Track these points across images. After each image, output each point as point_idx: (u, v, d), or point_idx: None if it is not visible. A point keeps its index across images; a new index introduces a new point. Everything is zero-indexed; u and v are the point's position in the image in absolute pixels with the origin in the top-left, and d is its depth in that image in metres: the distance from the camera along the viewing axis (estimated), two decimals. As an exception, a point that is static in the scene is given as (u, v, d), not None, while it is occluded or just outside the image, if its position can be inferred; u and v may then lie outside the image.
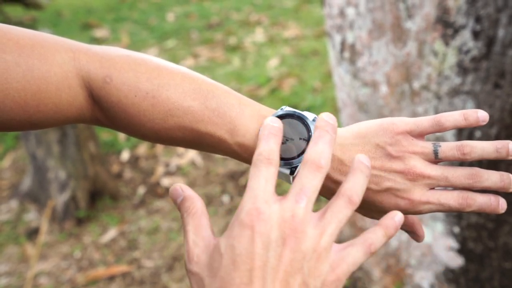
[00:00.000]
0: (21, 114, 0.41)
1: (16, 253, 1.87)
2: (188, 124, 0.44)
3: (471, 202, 0.44)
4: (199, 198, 0.38)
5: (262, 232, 0.32)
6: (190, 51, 3.84)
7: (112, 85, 0.43)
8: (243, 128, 0.44)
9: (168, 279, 1.68)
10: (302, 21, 4.33)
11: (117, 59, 0.44)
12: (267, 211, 0.33)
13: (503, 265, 1.10)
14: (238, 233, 0.33)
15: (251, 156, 0.45)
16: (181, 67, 0.47)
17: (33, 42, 0.41)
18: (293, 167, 0.44)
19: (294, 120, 0.45)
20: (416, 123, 0.45)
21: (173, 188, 0.38)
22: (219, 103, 0.45)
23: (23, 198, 2.17)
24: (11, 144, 2.66)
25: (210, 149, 0.47)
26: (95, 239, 1.92)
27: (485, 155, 0.44)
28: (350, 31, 1.16)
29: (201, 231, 0.36)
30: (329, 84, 2.93)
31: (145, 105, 0.44)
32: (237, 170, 2.23)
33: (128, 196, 2.17)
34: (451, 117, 0.44)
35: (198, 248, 0.35)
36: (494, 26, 0.91)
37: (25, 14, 5.01)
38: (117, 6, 5.50)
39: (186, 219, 0.37)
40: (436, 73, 1.01)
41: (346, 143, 0.45)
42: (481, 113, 0.44)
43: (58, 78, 0.42)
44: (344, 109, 1.32)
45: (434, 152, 0.44)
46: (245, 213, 0.33)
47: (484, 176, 0.44)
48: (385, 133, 0.45)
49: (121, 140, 2.59)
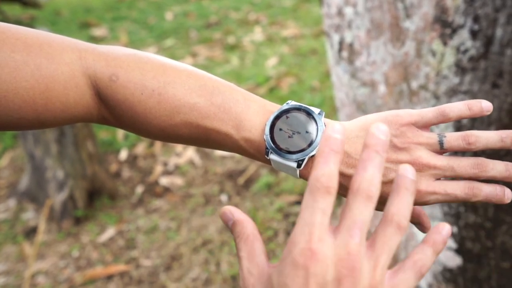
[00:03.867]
0: (30, 113, 0.41)
1: (14, 252, 1.87)
2: (194, 120, 0.44)
3: (477, 192, 0.43)
4: (250, 221, 0.37)
5: (317, 274, 0.31)
6: (189, 50, 3.84)
7: (118, 83, 0.44)
8: (249, 123, 0.45)
9: (166, 278, 1.68)
10: (300, 20, 4.33)
11: (123, 57, 0.44)
12: (322, 251, 0.31)
13: (501, 265, 1.10)
14: (291, 272, 0.31)
15: (257, 151, 0.45)
16: (186, 65, 0.47)
17: (40, 42, 0.42)
18: (300, 161, 0.44)
19: (300, 113, 0.45)
20: (421, 114, 0.45)
21: (223, 212, 0.38)
22: (225, 99, 0.45)
23: (21, 197, 2.16)
24: (9, 143, 2.66)
25: (217, 146, 0.47)
26: (93, 239, 1.91)
27: (490, 144, 0.44)
28: (348, 31, 1.16)
29: (254, 258, 0.35)
30: (327, 83, 2.93)
31: (151, 102, 0.44)
32: (235, 169, 2.23)
33: (126, 195, 2.17)
34: (456, 107, 0.44)
35: (252, 278, 0.34)
36: (492, 26, 0.91)
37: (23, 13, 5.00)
38: (116, 5, 5.49)
39: (239, 244, 0.36)
40: (434, 72, 1.01)
41: (352, 135, 0.45)
42: (485, 103, 0.44)
43: (65, 77, 0.42)
44: (342, 109, 1.32)
45: (439, 143, 0.44)
46: (299, 253, 0.31)
47: (490, 166, 0.44)
48: (390, 125, 0.45)
49: (120, 139, 2.58)
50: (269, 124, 0.44)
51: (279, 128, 0.45)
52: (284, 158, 0.44)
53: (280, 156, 0.44)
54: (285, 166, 0.45)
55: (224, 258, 1.73)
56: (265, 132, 0.44)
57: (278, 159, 0.44)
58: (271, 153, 0.45)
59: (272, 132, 0.44)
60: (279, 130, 0.44)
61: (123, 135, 2.62)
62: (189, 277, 1.67)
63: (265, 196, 2.02)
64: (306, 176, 0.45)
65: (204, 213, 1.99)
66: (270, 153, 0.45)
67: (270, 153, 0.45)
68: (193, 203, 2.05)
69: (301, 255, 0.31)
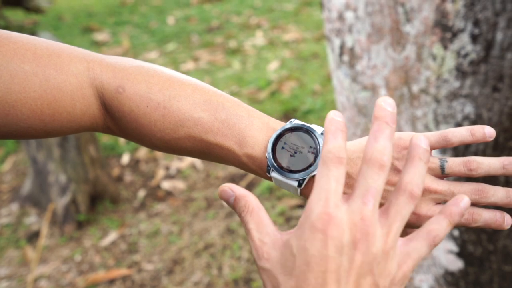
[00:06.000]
0: (37, 123, 0.42)
1: (16, 256, 1.87)
2: (198, 134, 0.45)
3: (477, 218, 0.43)
4: (252, 194, 0.38)
5: (334, 237, 0.32)
6: (191, 54, 3.85)
7: (124, 95, 0.44)
8: (252, 139, 0.45)
9: (168, 282, 1.68)
10: (302, 24, 4.34)
11: (130, 69, 0.45)
12: (338, 215, 0.33)
13: (502, 268, 1.10)
14: (310, 236, 0.33)
15: (259, 168, 0.46)
16: (193, 78, 0.47)
17: (50, 52, 0.42)
18: (301, 180, 0.44)
19: (303, 133, 0.45)
20: None
21: (222, 190, 0.38)
22: (229, 114, 0.45)
23: (24, 202, 2.17)
24: (12, 147, 2.66)
25: (219, 160, 0.47)
26: (96, 243, 1.92)
27: (492, 171, 0.44)
28: (349, 35, 1.16)
29: (264, 228, 0.36)
30: (329, 87, 2.93)
31: (156, 115, 0.44)
32: (236, 173, 2.24)
33: (128, 199, 2.17)
34: (458, 133, 0.44)
35: (266, 246, 0.35)
36: (493, 30, 0.92)
37: (26, 18, 5.03)
38: (118, 10, 5.52)
39: (245, 218, 0.36)
40: (435, 76, 1.01)
41: (353, 156, 0.45)
42: (488, 129, 0.44)
43: (73, 88, 0.43)
44: (343, 113, 1.33)
45: (441, 168, 0.44)
46: (317, 217, 0.33)
47: (490, 192, 0.44)
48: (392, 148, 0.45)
49: (122, 144, 2.59)
50: (272, 142, 0.45)
51: (282, 146, 0.45)
52: (285, 176, 0.45)
53: (281, 174, 0.45)
54: (286, 184, 0.45)
55: (226, 262, 1.73)
56: (268, 150, 0.45)
57: (280, 177, 0.45)
58: (273, 171, 0.45)
59: (274, 150, 0.45)
60: (281, 149, 0.45)
61: (125, 140, 2.62)
62: (191, 281, 1.67)
63: (267, 200, 2.03)
64: (307, 194, 0.45)
65: (206, 217, 1.99)
66: (271, 171, 0.45)
67: (271, 171, 0.45)
68: (195, 207, 2.06)
69: (319, 219, 0.33)
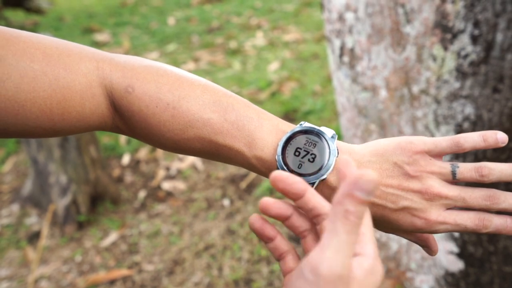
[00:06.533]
0: (46, 122, 0.42)
1: (17, 257, 1.88)
2: (207, 135, 0.45)
3: (488, 224, 0.44)
4: None
5: None
6: (191, 55, 3.85)
7: (133, 95, 0.44)
8: (262, 142, 0.45)
9: (168, 283, 1.68)
10: (302, 25, 4.35)
11: (139, 69, 0.45)
12: None
13: (503, 269, 1.10)
14: None
15: (268, 170, 0.46)
16: (202, 78, 0.47)
17: (59, 52, 0.42)
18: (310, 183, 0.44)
19: (313, 136, 0.45)
20: (435, 143, 0.44)
21: None
22: (238, 116, 0.45)
23: (24, 202, 2.17)
24: (12, 148, 2.67)
25: (228, 161, 0.47)
26: (96, 243, 1.92)
27: (504, 177, 0.43)
28: (349, 36, 1.16)
29: None
30: (329, 87, 2.93)
31: (165, 115, 0.44)
32: (237, 173, 2.24)
33: (129, 200, 2.17)
34: (470, 138, 0.44)
35: None
36: (493, 31, 0.92)
37: (26, 18, 5.04)
38: (118, 11, 5.52)
39: None
40: (435, 77, 1.01)
41: (364, 160, 0.45)
42: (500, 135, 0.44)
43: (82, 87, 0.42)
44: (343, 113, 1.33)
45: (452, 173, 0.44)
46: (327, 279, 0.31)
47: (501, 198, 0.43)
48: (403, 152, 0.44)
49: (122, 144, 2.59)
50: (282, 144, 0.44)
51: (291, 149, 0.45)
52: None
53: None
54: None
55: (227, 262, 1.73)
56: (277, 153, 0.44)
57: None
58: None
59: (284, 153, 0.44)
60: (291, 151, 0.45)
61: (126, 140, 2.63)
62: (191, 281, 1.67)
63: (267, 200, 2.02)
64: None
65: (206, 217, 1.99)
66: None
67: None
68: (195, 208, 2.06)
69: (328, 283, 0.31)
